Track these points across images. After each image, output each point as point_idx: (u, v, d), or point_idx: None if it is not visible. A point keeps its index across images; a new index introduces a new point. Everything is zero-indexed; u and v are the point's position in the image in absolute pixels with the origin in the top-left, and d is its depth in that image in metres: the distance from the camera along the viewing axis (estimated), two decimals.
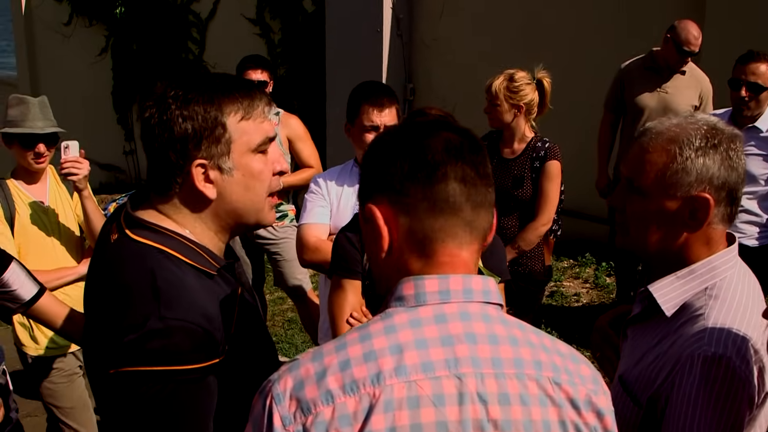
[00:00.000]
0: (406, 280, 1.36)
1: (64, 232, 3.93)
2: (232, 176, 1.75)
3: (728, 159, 1.82)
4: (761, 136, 4.59)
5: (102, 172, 12.29)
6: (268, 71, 5.62)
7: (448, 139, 1.38)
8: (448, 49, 8.49)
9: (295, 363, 1.32)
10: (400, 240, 1.38)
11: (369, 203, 1.40)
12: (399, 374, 1.26)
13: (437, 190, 1.35)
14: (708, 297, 1.83)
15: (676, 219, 1.85)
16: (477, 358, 1.30)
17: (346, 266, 2.67)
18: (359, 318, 2.63)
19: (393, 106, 3.52)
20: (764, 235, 4.70)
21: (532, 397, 1.32)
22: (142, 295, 1.64)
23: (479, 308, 1.35)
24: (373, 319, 1.35)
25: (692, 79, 5.73)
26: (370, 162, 1.45)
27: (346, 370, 1.27)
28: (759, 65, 4.55)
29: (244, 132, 1.74)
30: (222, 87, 1.75)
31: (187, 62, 11.05)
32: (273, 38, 9.96)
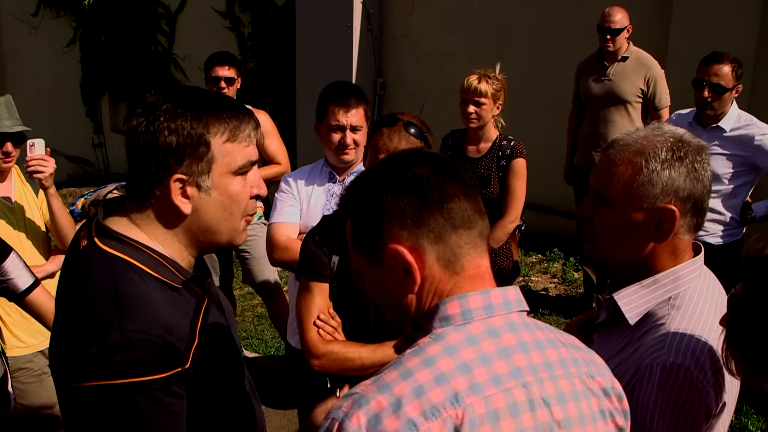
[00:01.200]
0: (449, 300, 1.39)
1: (31, 230, 3.91)
2: (209, 195, 1.76)
3: (694, 171, 1.85)
4: (725, 135, 4.65)
5: (70, 164, 12.18)
6: (236, 68, 5.62)
7: (429, 164, 1.44)
8: (418, 44, 8.50)
9: (359, 398, 1.29)
10: (428, 269, 1.41)
11: (390, 245, 1.41)
12: (475, 392, 1.29)
13: (453, 209, 1.40)
14: (671, 307, 1.87)
15: (642, 230, 1.87)
16: (533, 364, 1.37)
17: (314, 269, 2.68)
18: (326, 320, 2.65)
19: (360, 107, 3.55)
20: (727, 233, 4.76)
21: (579, 392, 1.41)
22: (103, 306, 1.65)
23: (519, 317, 1.42)
24: (425, 342, 1.36)
25: (637, 65, 5.94)
26: (369, 207, 1.44)
27: (422, 396, 1.26)
28: (722, 66, 4.60)
29: (227, 153, 1.76)
30: (212, 106, 1.76)
31: (156, 54, 10.97)
32: (243, 32, 9.91)
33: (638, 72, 5.92)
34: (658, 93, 5.90)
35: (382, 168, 1.49)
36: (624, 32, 5.90)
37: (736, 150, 4.63)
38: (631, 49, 5.99)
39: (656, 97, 5.91)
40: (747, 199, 4.78)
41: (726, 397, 1.82)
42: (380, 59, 8.85)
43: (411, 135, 2.60)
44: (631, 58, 5.96)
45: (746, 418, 4.87)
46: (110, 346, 1.60)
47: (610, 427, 1.46)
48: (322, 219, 2.88)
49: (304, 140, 8.67)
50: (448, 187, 1.41)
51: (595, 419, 1.42)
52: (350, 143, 3.56)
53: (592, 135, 6.06)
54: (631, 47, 6.00)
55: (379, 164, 1.51)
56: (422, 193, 1.40)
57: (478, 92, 4.47)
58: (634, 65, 5.94)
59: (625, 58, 5.96)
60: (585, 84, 6.15)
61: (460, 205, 1.41)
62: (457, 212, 1.40)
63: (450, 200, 1.40)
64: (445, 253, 1.40)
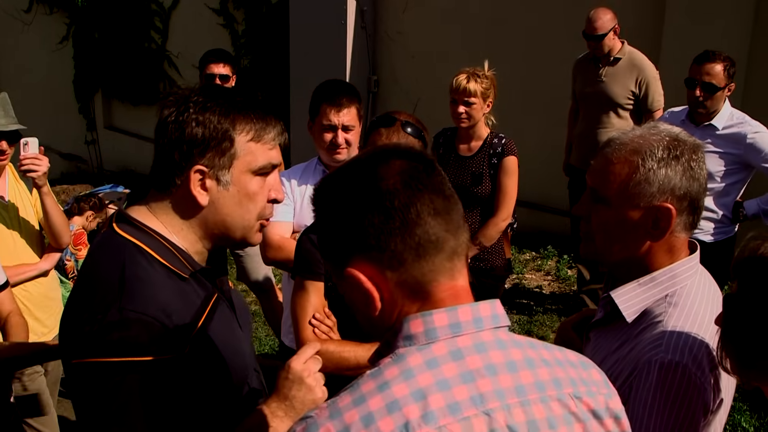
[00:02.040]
0: (414, 317, 1.29)
1: (25, 228, 3.91)
2: (227, 190, 1.81)
3: (690, 170, 1.86)
4: (717, 134, 4.66)
5: (63, 161, 12.14)
6: (231, 65, 5.61)
7: (403, 169, 1.31)
8: (412, 42, 8.50)
9: (312, 423, 1.23)
10: (390, 294, 1.31)
11: (348, 268, 1.32)
12: (427, 421, 1.19)
13: (418, 234, 1.28)
14: (668, 304, 1.88)
15: (639, 228, 1.89)
16: (501, 389, 1.26)
17: (309, 268, 2.68)
18: (321, 319, 2.65)
19: (353, 106, 3.54)
20: (719, 231, 4.78)
21: (558, 418, 1.30)
22: (107, 286, 1.70)
23: (491, 335, 1.30)
24: (385, 363, 1.27)
25: (629, 66, 5.86)
26: (332, 221, 1.36)
27: (370, 426, 1.18)
28: (714, 65, 4.61)
29: (249, 152, 1.81)
30: (241, 105, 1.81)
31: (150, 51, 10.95)
32: (237, 29, 9.90)
33: (630, 74, 5.84)
34: (651, 95, 5.82)
35: (352, 174, 1.36)
36: (610, 35, 5.79)
37: (728, 148, 4.65)
38: (624, 50, 5.90)
39: (648, 100, 5.83)
40: (738, 198, 4.80)
41: (723, 394, 1.83)
42: (374, 57, 8.85)
43: (409, 135, 2.60)
44: (624, 59, 5.87)
45: (739, 415, 4.90)
46: (108, 325, 1.64)
47: None
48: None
49: (297, 138, 8.64)
50: (417, 206, 1.28)
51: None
52: (342, 143, 3.55)
53: (583, 135, 6.06)
54: (625, 47, 5.91)
55: (352, 166, 1.39)
56: (385, 215, 1.28)
57: (467, 92, 4.48)
58: (626, 67, 5.86)
59: (617, 59, 5.88)
60: (579, 83, 6.14)
61: (428, 227, 1.28)
62: (422, 236, 1.28)
63: (415, 224, 1.28)
64: (408, 280, 1.30)
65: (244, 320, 2.07)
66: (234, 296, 2.06)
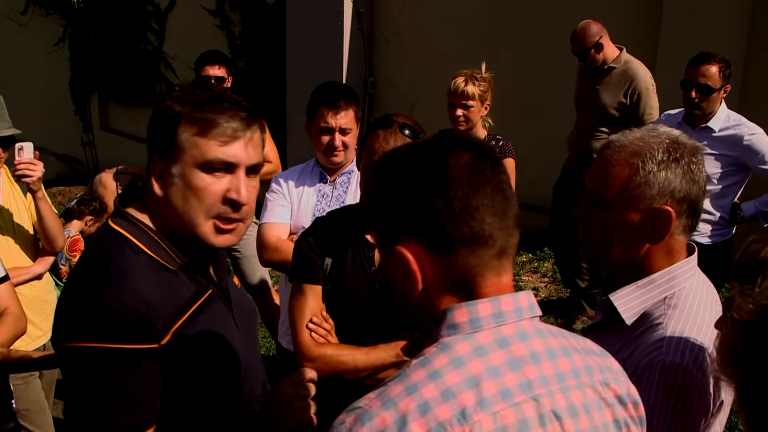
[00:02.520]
0: (458, 307, 1.32)
1: (19, 232, 3.90)
2: (174, 183, 1.80)
3: (690, 172, 1.86)
4: (714, 135, 4.67)
5: (59, 163, 12.12)
6: (226, 67, 5.61)
7: (470, 163, 1.33)
8: (409, 44, 8.49)
9: (363, 413, 1.24)
10: (434, 278, 1.34)
11: (398, 246, 1.34)
12: (483, 408, 1.23)
13: (472, 227, 1.30)
14: (667, 306, 1.88)
15: (638, 231, 1.89)
16: (545, 376, 1.31)
17: (307, 271, 2.68)
18: (319, 323, 2.65)
19: (350, 109, 3.55)
20: (717, 233, 4.79)
21: (591, 403, 1.36)
22: (91, 274, 1.76)
23: (531, 324, 1.36)
24: (431, 352, 1.30)
25: (623, 76, 5.67)
26: (392, 197, 1.37)
27: (427, 414, 1.21)
28: (709, 67, 4.62)
29: (194, 145, 1.78)
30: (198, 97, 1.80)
31: (146, 53, 10.93)
32: (233, 30, 9.88)
33: (621, 84, 5.65)
34: (641, 107, 5.60)
35: (421, 155, 1.37)
36: (593, 51, 5.63)
37: (725, 150, 4.66)
38: (621, 58, 5.71)
39: (639, 111, 5.60)
40: (735, 200, 4.80)
41: (723, 396, 1.83)
42: (371, 59, 8.84)
43: (406, 137, 2.60)
44: (619, 68, 5.68)
45: (736, 418, 4.89)
46: (86, 310, 1.69)
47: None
48: (315, 221, 2.87)
49: (294, 139, 8.65)
50: (477, 199, 1.31)
51: (608, 430, 1.37)
52: (339, 145, 3.56)
53: (575, 140, 6.01)
54: (622, 55, 5.72)
55: (421, 147, 1.40)
56: (446, 202, 1.30)
57: (465, 95, 4.48)
58: (619, 77, 5.68)
59: (611, 68, 5.69)
60: (577, 89, 6.07)
61: (483, 222, 1.31)
62: (476, 229, 1.30)
63: (472, 216, 1.30)
64: (454, 270, 1.32)
65: (244, 318, 2.05)
66: (235, 294, 2.06)
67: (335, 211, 2.90)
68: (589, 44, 5.63)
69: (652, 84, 5.65)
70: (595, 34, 5.63)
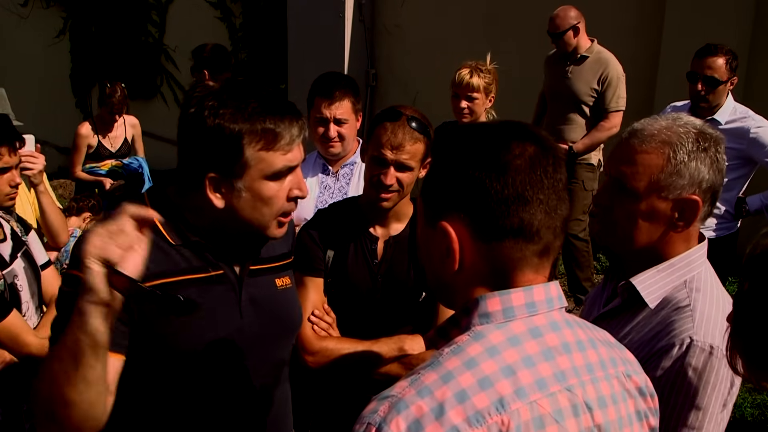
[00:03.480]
0: (491, 295, 1.31)
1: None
2: (241, 196, 1.85)
3: (716, 162, 1.88)
4: (720, 128, 4.60)
5: (60, 155, 12.07)
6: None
7: (535, 156, 1.31)
8: (410, 35, 8.46)
9: (397, 401, 1.22)
10: (473, 263, 1.32)
11: (443, 221, 1.33)
12: (520, 396, 1.23)
13: (522, 219, 1.29)
14: (690, 290, 1.91)
15: (664, 219, 1.90)
16: (576, 367, 1.31)
17: (309, 264, 2.65)
18: (321, 316, 2.62)
19: (345, 99, 3.49)
20: (721, 227, 4.75)
21: (618, 395, 1.37)
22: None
23: (560, 315, 1.36)
24: (464, 341, 1.29)
25: (594, 63, 5.80)
26: (447, 171, 1.35)
27: (465, 402, 1.20)
28: (716, 59, 4.57)
29: (260, 160, 1.83)
30: (252, 111, 1.81)
31: (147, 45, 10.89)
32: (234, 22, 9.85)
33: (594, 71, 5.77)
34: (609, 95, 5.71)
35: (488, 136, 1.35)
36: (569, 33, 5.74)
37: (731, 143, 4.57)
38: (593, 48, 5.84)
39: (606, 99, 5.72)
40: (741, 194, 4.76)
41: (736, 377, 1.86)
42: (372, 50, 8.81)
43: (414, 129, 2.57)
44: (591, 57, 5.80)
45: (740, 412, 4.87)
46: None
47: (644, 428, 1.42)
48: (317, 213, 2.84)
49: None
50: (533, 192, 1.29)
51: (632, 422, 1.38)
52: (333, 136, 3.51)
53: (547, 130, 5.97)
54: (593, 46, 5.85)
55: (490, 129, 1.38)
56: (502, 187, 1.28)
57: (470, 87, 4.44)
58: (591, 65, 5.80)
59: (584, 57, 5.82)
60: (548, 79, 6.13)
61: (533, 216, 1.29)
62: (525, 222, 1.28)
63: (523, 208, 1.28)
64: (494, 257, 1.30)
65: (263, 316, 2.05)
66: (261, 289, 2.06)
67: (338, 203, 2.87)
68: (568, 26, 5.75)
69: (622, 74, 5.78)
70: (574, 17, 5.78)
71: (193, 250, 1.89)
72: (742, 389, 5.00)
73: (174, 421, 1.97)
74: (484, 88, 4.46)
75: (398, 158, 2.55)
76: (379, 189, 2.58)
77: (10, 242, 3.12)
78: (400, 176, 2.57)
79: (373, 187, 2.59)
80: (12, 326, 2.96)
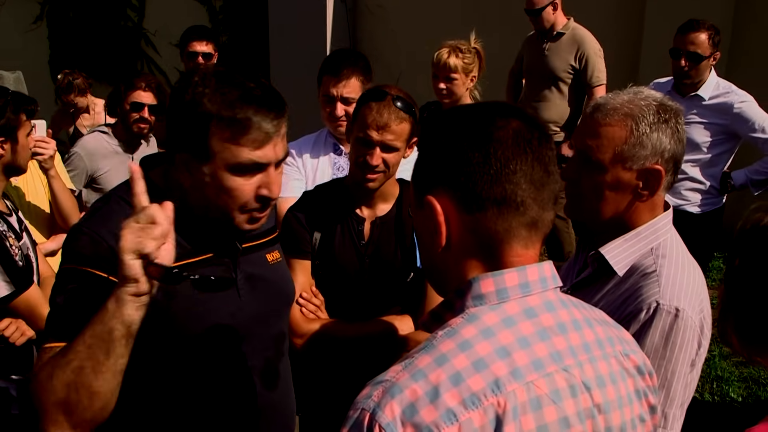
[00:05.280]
0: (484, 277, 1.30)
1: (34, 210, 3.88)
2: (204, 181, 1.84)
3: (677, 132, 1.97)
4: (703, 104, 4.62)
5: None
6: (213, 42, 5.55)
7: (519, 129, 1.31)
8: (393, 16, 8.41)
9: (391, 386, 1.21)
10: (460, 237, 1.32)
11: (429, 195, 1.33)
12: (516, 378, 1.22)
13: (506, 189, 1.28)
14: (656, 256, 1.99)
15: (629, 189, 1.98)
16: (572, 347, 1.31)
17: (296, 246, 2.63)
18: (309, 298, 2.61)
19: (353, 77, 3.41)
20: (706, 202, 4.76)
21: (617, 373, 1.36)
22: (88, 213, 1.99)
23: (555, 295, 1.35)
24: (458, 323, 1.27)
25: (571, 41, 5.87)
26: (433, 148, 1.36)
27: (460, 384, 1.19)
28: (699, 34, 4.57)
29: (225, 149, 1.80)
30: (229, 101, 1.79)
31: (126, 30, 10.78)
32: (214, 5, 9.76)
33: (570, 49, 5.85)
34: (590, 70, 5.78)
35: (471, 113, 1.37)
36: (548, 9, 5.81)
37: (715, 118, 4.61)
38: (569, 25, 5.90)
39: (587, 75, 5.79)
40: (725, 169, 4.77)
41: (704, 339, 1.94)
42: (354, 31, 8.75)
43: (399, 109, 2.54)
44: (567, 34, 5.88)
45: (728, 386, 4.91)
46: (69, 238, 1.89)
47: (644, 407, 1.41)
48: (303, 195, 2.82)
49: None
50: (517, 163, 1.29)
51: (631, 401, 1.37)
52: (340, 115, 3.41)
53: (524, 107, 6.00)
54: (569, 23, 5.91)
55: (474, 108, 1.39)
56: (484, 158, 1.28)
57: (448, 68, 4.41)
58: (567, 42, 5.87)
59: (560, 34, 5.88)
60: (525, 59, 6.17)
61: (517, 187, 1.28)
62: (509, 192, 1.28)
63: (507, 179, 1.28)
64: (480, 230, 1.30)
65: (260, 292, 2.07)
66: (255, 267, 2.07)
67: (324, 185, 2.85)
68: (544, 3, 5.80)
69: (599, 49, 5.84)
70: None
71: (183, 235, 1.86)
72: (728, 364, 5.06)
73: (181, 404, 1.96)
74: (463, 68, 4.41)
75: (384, 138, 2.53)
76: (365, 170, 2.56)
77: (15, 217, 3.26)
78: (386, 157, 2.55)
79: (359, 168, 2.57)
80: (31, 298, 3.07)
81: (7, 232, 3.11)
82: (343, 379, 2.49)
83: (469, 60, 4.45)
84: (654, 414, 1.45)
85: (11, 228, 3.16)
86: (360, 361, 2.47)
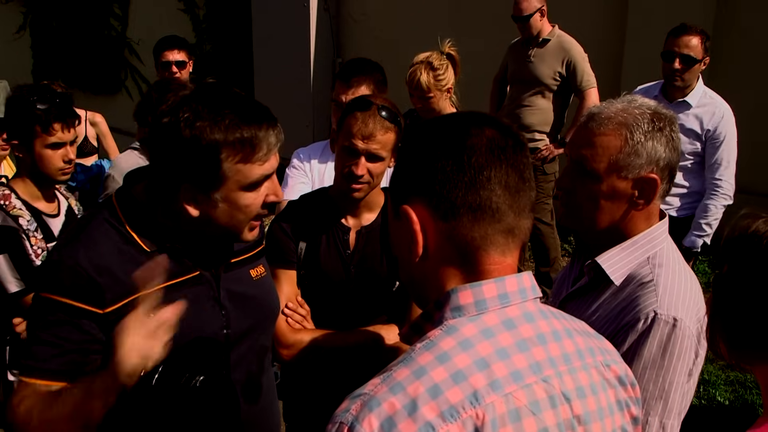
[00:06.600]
0: (462, 288, 1.30)
1: None
2: (217, 206, 1.85)
3: (672, 141, 1.96)
4: (689, 111, 4.66)
5: None
6: (186, 50, 5.52)
7: (492, 138, 1.32)
8: (376, 23, 8.42)
9: (369, 399, 1.20)
10: (437, 246, 1.32)
11: (404, 205, 1.33)
12: (495, 389, 1.21)
13: (480, 196, 1.29)
14: (653, 266, 1.98)
15: (625, 198, 1.97)
16: (552, 358, 1.30)
17: (281, 256, 2.62)
18: (295, 308, 2.60)
19: (363, 85, 3.42)
20: (686, 206, 4.81)
21: (597, 384, 1.35)
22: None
23: (534, 305, 1.34)
24: (436, 335, 1.27)
25: (557, 48, 5.87)
26: (408, 158, 1.37)
27: (438, 397, 1.18)
28: (691, 38, 4.61)
29: (238, 172, 1.83)
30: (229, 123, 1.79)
31: (110, 39, 10.75)
32: (198, 14, 9.75)
33: (557, 55, 5.85)
34: (579, 75, 5.78)
35: (444, 123, 1.38)
36: (536, 16, 5.81)
37: (697, 126, 4.66)
38: (554, 32, 5.91)
39: (577, 80, 5.79)
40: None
41: (701, 348, 1.93)
42: (338, 39, 8.75)
43: (384, 119, 2.54)
44: (553, 41, 5.88)
45: (714, 389, 4.93)
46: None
47: (626, 418, 1.40)
48: (288, 204, 2.81)
49: None
50: (491, 171, 1.29)
51: (612, 412, 1.37)
52: None
53: (509, 115, 6.01)
54: (554, 30, 5.92)
55: (448, 117, 1.41)
56: (456, 167, 1.28)
57: (421, 88, 4.41)
58: (553, 49, 5.87)
59: (546, 41, 5.89)
60: (510, 65, 6.17)
61: (492, 194, 1.29)
62: (484, 200, 1.28)
63: (482, 186, 1.28)
64: (457, 238, 1.30)
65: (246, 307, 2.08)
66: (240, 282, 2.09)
67: (308, 194, 2.85)
68: (534, 9, 5.81)
69: (585, 54, 5.86)
70: (538, 1, 5.84)
71: (168, 255, 1.87)
72: (714, 368, 5.08)
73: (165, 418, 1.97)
74: (436, 85, 4.41)
75: (369, 148, 2.53)
76: (350, 180, 2.56)
77: (62, 218, 3.28)
78: (370, 167, 2.55)
79: (344, 178, 2.57)
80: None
81: (34, 231, 3.12)
82: (329, 389, 2.48)
83: (442, 74, 4.42)
84: (636, 425, 1.44)
85: (44, 229, 3.17)
86: (346, 371, 2.47)
